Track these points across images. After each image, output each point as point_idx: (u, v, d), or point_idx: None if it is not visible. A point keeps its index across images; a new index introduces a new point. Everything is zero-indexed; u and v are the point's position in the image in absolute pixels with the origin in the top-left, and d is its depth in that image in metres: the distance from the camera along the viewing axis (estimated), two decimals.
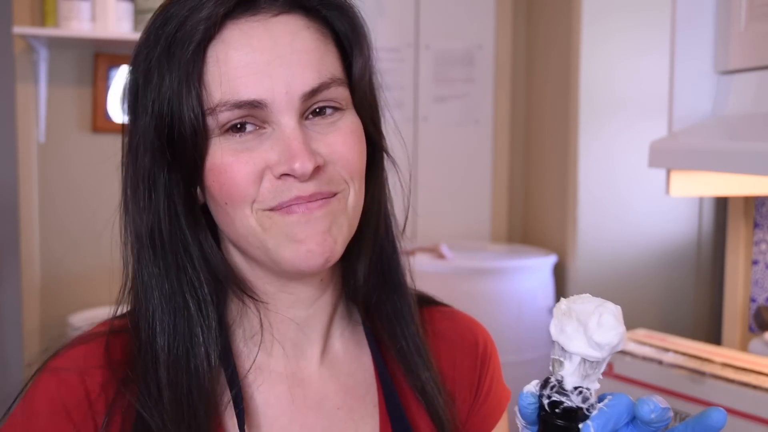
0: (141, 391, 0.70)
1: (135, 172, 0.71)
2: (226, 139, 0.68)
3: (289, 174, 0.67)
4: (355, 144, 0.71)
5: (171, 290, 0.71)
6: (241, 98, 0.66)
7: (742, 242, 1.82)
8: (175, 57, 0.66)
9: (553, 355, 0.57)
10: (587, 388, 0.55)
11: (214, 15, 0.66)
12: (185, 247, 0.71)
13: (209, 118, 0.67)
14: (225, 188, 0.68)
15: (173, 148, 0.68)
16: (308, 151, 0.67)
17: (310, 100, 0.69)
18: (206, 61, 0.67)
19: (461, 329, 0.87)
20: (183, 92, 0.66)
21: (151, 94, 0.68)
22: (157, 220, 0.70)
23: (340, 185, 0.70)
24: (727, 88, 1.41)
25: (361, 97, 0.74)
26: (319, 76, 0.68)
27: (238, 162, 0.67)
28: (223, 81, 0.67)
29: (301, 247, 0.68)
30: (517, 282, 2.48)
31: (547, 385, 0.56)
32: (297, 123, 0.68)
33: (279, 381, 0.76)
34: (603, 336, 0.54)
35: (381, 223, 0.79)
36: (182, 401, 0.69)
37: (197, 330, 0.71)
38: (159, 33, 0.68)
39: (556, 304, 0.57)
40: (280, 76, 0.67)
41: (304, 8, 0.70)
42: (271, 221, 0.69)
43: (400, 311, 0.81)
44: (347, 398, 0.78)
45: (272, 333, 0.76)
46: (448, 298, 0.91)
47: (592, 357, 0.54)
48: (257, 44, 0.67)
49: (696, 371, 1.45)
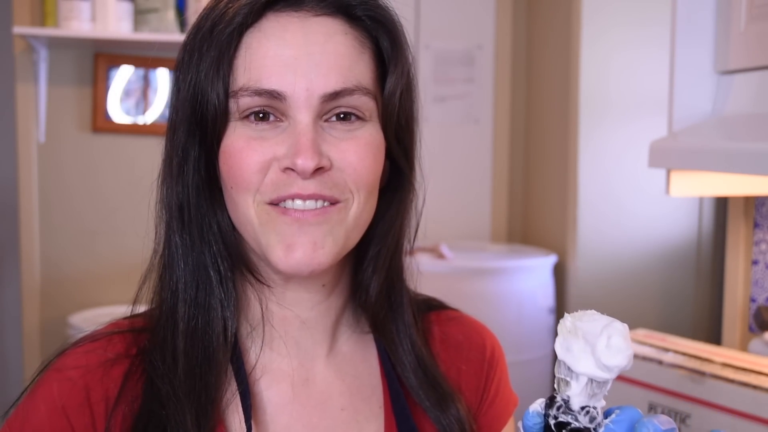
0: (156, 358, 0.71)
1: (172, 145, 0.73)
2: (244, 125, 0.69)
3: (293, 169, 0.68)
4: (368, 156, 0.71)
5: (195, 263, 0.73)
6: (263, 87, 0.68)
7: (742, 242, 1.82)
8: (214, 38, 0.69)
9: (558, 374, 0.56)
10: (594, 407, 0.55)
11: (256, 2, 0.69)
12: (210, 222, 0.73)
13: (231, 101, 0.69)
14: (232, 172, 0.70)
15: (200, 126, 0.70)
16: (314, 149, 0.67)
17: (331, 103, 0.69)
18: (240, 46, 0.69)
19: (469, 333, 0.87)
20: (212, 73, 0.68)
21: (190, 71, 0.70)
22: (186, 193, 0.72)
23: (344, 193, 0.70)
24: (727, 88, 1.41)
25: (388, 113, 0.73)
26: (344, 81, 0.69)
27: (249, 148, 0.69)
28: (250, 67, 0.68)
29: (289, 253, 0.69)
30: (517, 282, 2.48)
31: (553, 405, 0.56)
32: (312, 121, 0.68)
33: (283, 379, 0.76)
34: (612, 359, 0.53)
35: (400, 245, 0.79)
36: (195, 372, 0.71)
37: (216, 303, 0.73)
38: (208, 14, 0.71)
39: (561, 320, 0.56)
40: (304, 73, 0.68)
41: (347, 14, 0.71)
42: (268, 217, 0.69)
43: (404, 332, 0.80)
44: (352, 399, 0.78)
45: (276, 328, 0.76)
46: (448, 298, 0.92)
47: (599, 378, 0.54)
48: (290, 38, 0.68)
49: (696, 371, 1.45)
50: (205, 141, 0.70)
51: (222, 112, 0.69)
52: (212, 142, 0.70)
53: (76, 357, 0.73)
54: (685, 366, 1.47)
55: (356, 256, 0.78)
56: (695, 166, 1.41)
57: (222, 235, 0.73)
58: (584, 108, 2.56)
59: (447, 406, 0.79)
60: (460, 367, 0.85)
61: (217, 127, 0.69)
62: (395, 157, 0.76)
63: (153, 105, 2.73)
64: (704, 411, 1.42)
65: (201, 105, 0.69)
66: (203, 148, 0.71)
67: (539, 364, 2.48)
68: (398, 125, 0.75)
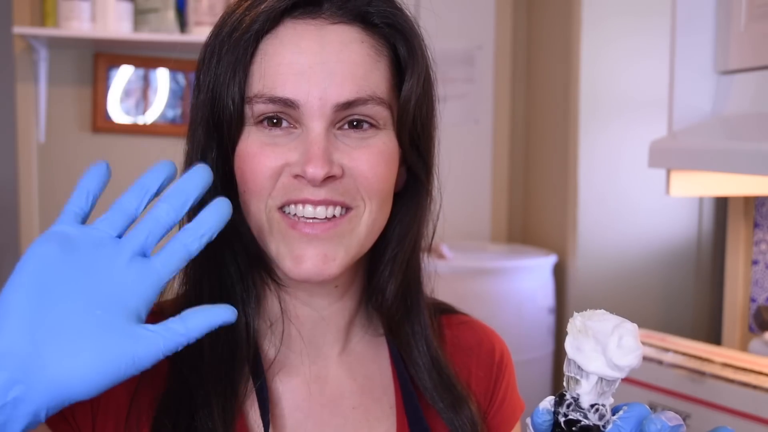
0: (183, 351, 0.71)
1: (192, 145, 0.74)
2: (259, 130, 0.70)
3: (303, 176, 0.68)
4: (380, 164, 0.71)
5: (217, 260, 0.74)
6: (276, 94, 0.68)
7: (742, 242, 1.82)
8: (232, 44, 0.70)
9: (568, 372, 0.56)
10: (603, 405, 0.55)
11: (273, 9, 0.69)
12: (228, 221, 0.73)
13: (246, 106, 0.70)
14: (245, 177, 0.70)
15: (217, 128, 0.71)
16: (325, 158, 0.67)
17: (345, 112, 0.69)
18: (256, 53, 0.70)
19: (480, 338, 0.88)
20: (229, 78, 0.69)
21: (209, 73, 0.71)
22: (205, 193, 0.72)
23: (355, 200, 0.70)
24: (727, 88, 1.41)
25: (403, 120, 0.73)
26: (358, 90, 0.69)
27: (262, 154, 0.69)
28: (265, 75, 0.69)
29: (298, 264, 0.70)
30: (517, 282, 2.48)
31: (563, 403, 0.56)
32: (324, 129, 0.68)
33: (297, 376, 0.77)
34: (624, 359, 0.54)
35: (417, 248, 0.80)
36: (220, 366, 0.71)
37: (238, 299, 0.74)
38: (228, 18, 0.72)
39: (570, 319, 0.57)
40: (318, 82, 0.68)
41: (365, 22, 0.71)
42: (279, 226, 0.70)
43: (420, 333, 0.81)
44: (363, 398, 0.79)
45: (291, 326, 0.77)
46: (448, 299, 0.92)
47: (610, 377, 0.55)
48: (305, 46, 0.68)
49: (696, 371, 1.45)
50: (222, 143, 0.71)
51: (237, 116, 0.70)
52: (228, 145, 0.71)
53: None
54: (685, 366, 1.47)
55: (371, 258, 0.78)
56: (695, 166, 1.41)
57: (239, 235, 0.74)
58: (584, 108, 2.56)
59: (461, 408, 0.79)
60: (470, 370, 0.85)
61: (233, 130, 0.70)
62: (410, 164, 0.76)
63: (153, 105, 2.73)
64: (704, 411, 1.42)
65: (218, 108, 0.70)
66: (221, 150, 0.72)
67: (539, 364, 2.48)
68: (414, 132, 0.75)
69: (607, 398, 0.56)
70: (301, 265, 0.69)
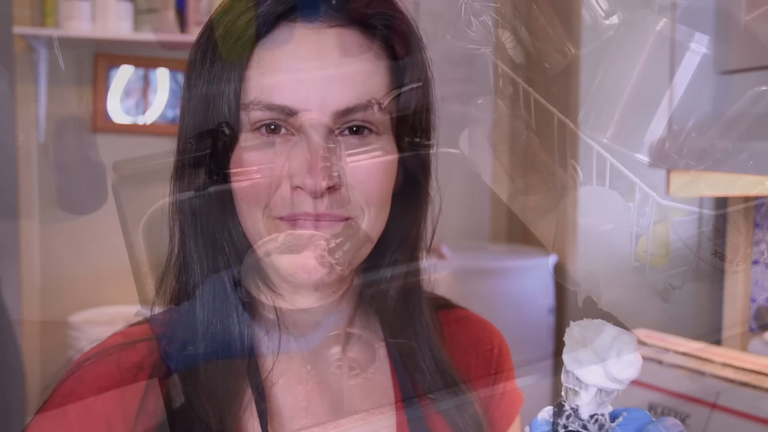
0: (179, 361, 0.71)
1: (182, 150, 0.72)
2: (255, 137, 0.68)
3: (303, 188, 0.67)
4: (379, 172, 0.70)
5: (210, 268, 0.72)
6: (274, 102, 0.66)
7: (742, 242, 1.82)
8: (226, 46, 0.67)
9: (566, 383, 0.56)
10: (602, 414, 0.55)
11: (269, 13, 0.66)
12: (221, 229, 0.72)
13: (243, 113, 0.67)
14: (242, 185, 0.68)
15: (211, 134, 0.69)
16: (325, 170, 0.65)
17: (344, 118, 0.67)
18: (252, 57, 0.67)
19: (477, 332, 0.88)
20: (224, 84, 0.67)
21: (201, 77, 0.69)
22: (198, 197, 0.71)
23: (354, 210, 0.69)
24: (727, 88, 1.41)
25: (402, 124, 0.72)
26: (358, 96, 0.67)
27: (260, 163, 0.67)
28: (262, 81, 0.66)
29: (299, 260, 0.68)
30: (517, 282, 2.48)
31: (562, 414, 0.56)
32: (323, 138, 0.66)
33: (296, 382, 0.76)
34: (623, 372, 0.54)
35: (416, 250, 0.79)
36: (216, 376, 0.70)
37: (232, 309, 0.72)
38: (221, 20, 0.69)
39: (567, 329, 0.56)
40: (317, 89, 0.66)
41: (364, 25, 0.69)
42: (278, 230, 0.69)
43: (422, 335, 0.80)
44: (363, 402, 0.78)
45: (288, 333, 0.76)
46: None
47: (609, 388, 0.54)
48: (303, 52, 0.66)
49: (696, 371, 1.45)
50: (216, 150, 0.69)
51: (233, 123, 0.68)
52: (223, 151, 0.69)
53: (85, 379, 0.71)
54: (685, 366, 1.47)
55: (370, 260, 0.77)
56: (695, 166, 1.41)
57: (233, 242, 0.72)
58: (584, 108, 2.56)
59: (464, 408, 0.79)
60: (469, 366, 0.85)
61: (227, 136, 0.68)
62: (409, 167, 0.75)
63: (153, 105, 2.73)
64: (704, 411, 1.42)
65: (212, 114, 0.68)
66: (214, 156, 0.70)
67: (539, 364, 2.48)
68: (413, 135, 0.74)
69: (606, 407, 0.55)
70: (302, 259, 0.68)
